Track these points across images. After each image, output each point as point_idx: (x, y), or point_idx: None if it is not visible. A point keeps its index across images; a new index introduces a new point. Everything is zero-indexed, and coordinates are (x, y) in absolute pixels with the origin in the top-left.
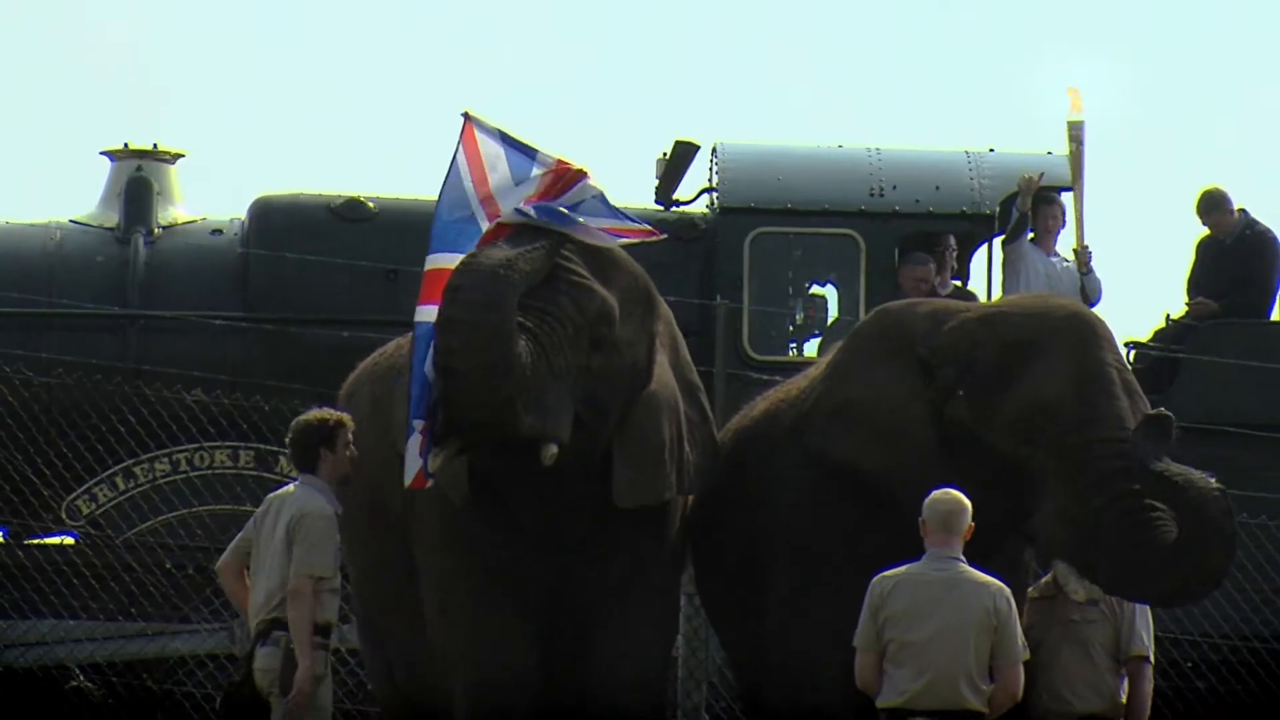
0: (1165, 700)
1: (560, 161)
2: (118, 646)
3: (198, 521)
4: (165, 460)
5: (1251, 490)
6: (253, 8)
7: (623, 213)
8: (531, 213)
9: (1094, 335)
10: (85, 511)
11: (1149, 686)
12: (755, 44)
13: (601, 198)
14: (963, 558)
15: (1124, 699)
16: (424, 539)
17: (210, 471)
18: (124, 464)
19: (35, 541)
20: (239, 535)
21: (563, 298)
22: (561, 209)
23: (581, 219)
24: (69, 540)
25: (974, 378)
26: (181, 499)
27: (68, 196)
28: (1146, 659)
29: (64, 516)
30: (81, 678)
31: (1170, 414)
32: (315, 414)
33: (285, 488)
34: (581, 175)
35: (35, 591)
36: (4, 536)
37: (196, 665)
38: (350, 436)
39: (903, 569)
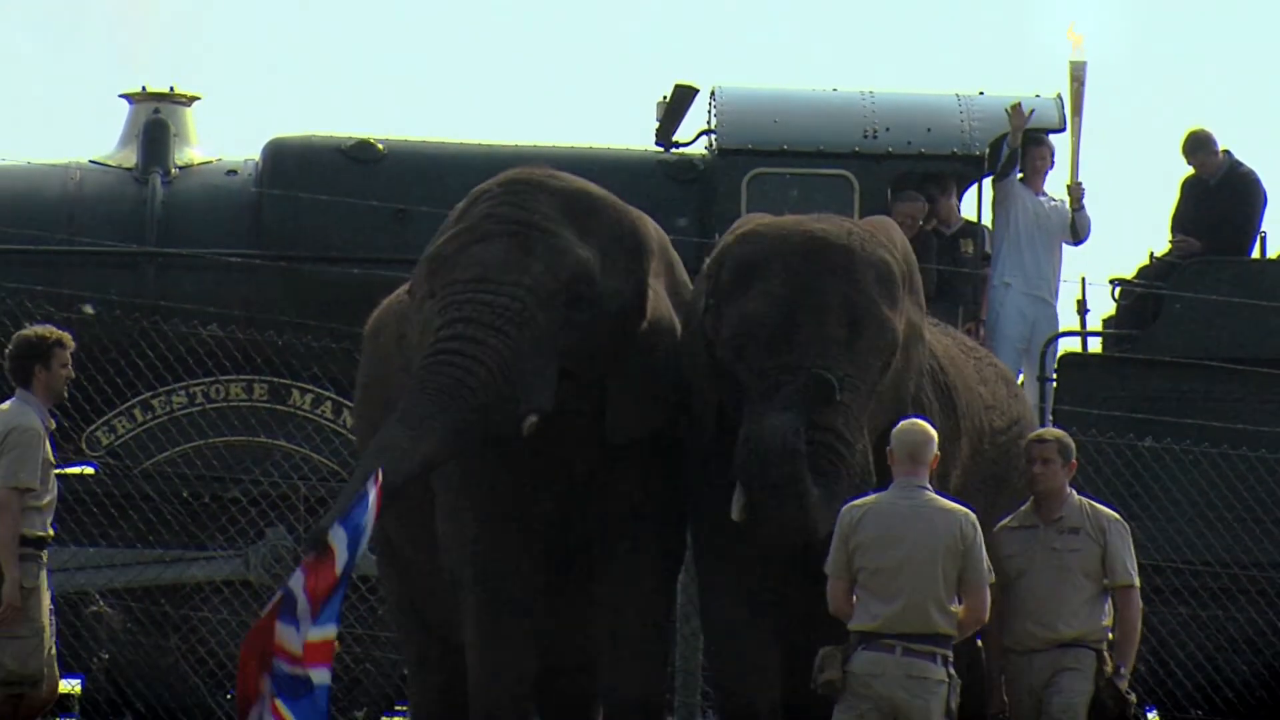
0: (1149, 627)
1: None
2: (136, 573)
3: (213, 452)
4: (182, 393)
5: (1229, 421)
6: None
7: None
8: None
9: (825, 259)
10: (105, 443)
11: (1138, 615)
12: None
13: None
14: (929, 485)
15: (1108, 623)
16: (440, 472)
17: (225, 404)
18: (142, 397)
19: (57, 471)
20: None
21: (536, 264)
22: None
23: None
24: (89, 470)
25: (717, 290)
26: (198, 430)
27: (87, 138)
28: (1132, 586)
29: (84, 447)
30: (101, 603)
31: (831, 380)
32: (34, 330)
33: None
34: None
35: (57, 519)
36: None
37: (212, 591)
38: (68, 357)
39: (871, 498)
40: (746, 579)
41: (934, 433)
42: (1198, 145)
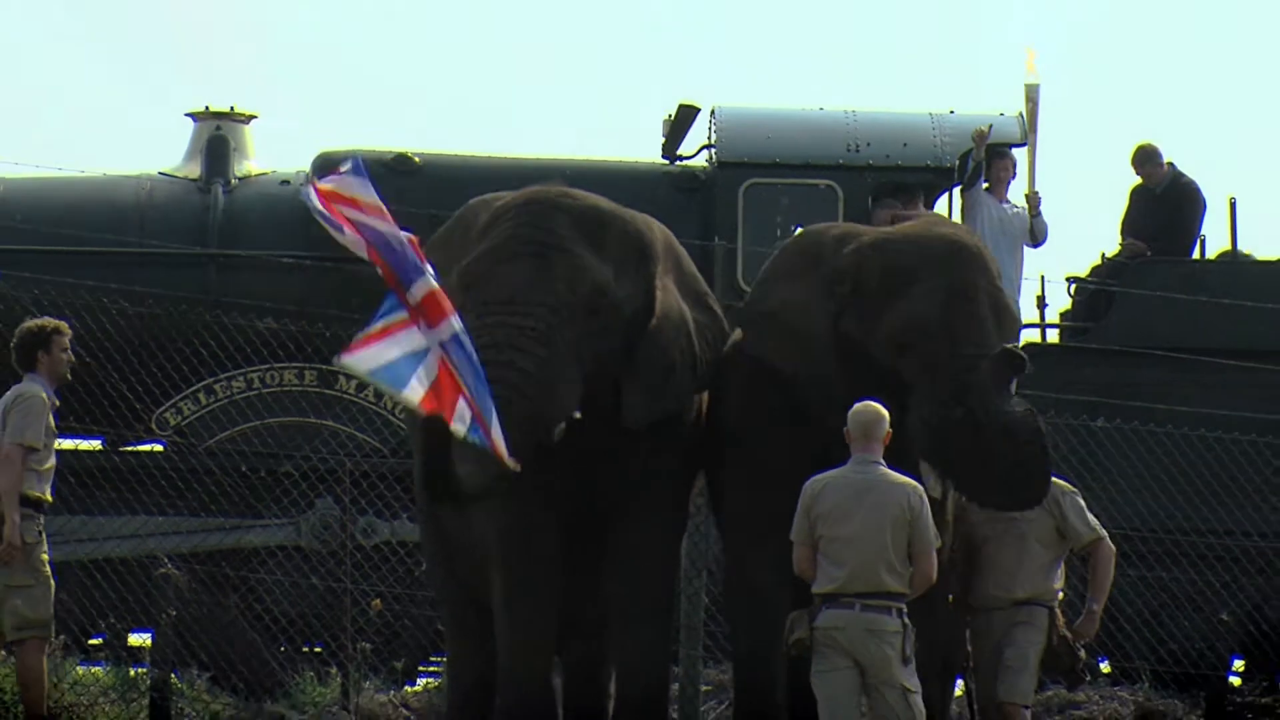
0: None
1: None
2: (199, 539)
3: (269, 431)
4: (241, 379)
5: (1172, 404)
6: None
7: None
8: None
9: (966, 260)
10: (172, 423)
11: (1108, 560)
12: (750, 19)
13: None
14: (882, 461)
15: (1059, 585)
16: None
17: (279, 388)
18: (205, 382)
19: (129, 449)
20: None
21: (558, 284)
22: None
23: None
24: (158, 448)
25: (862, 296)
26: (255, 412)
27: (156, 152)
28: (1099, 539)
29: (154, 427)
30: (169, 565)
31: (1022, 355)
32: (36, 321)
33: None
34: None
35: (129, 491)
36: (102, 444)
37: (267, 554)
38: (66, 343)
39: (830, 473)
40: (773, 549)
41: (885, 413)
42: (1145, 157)
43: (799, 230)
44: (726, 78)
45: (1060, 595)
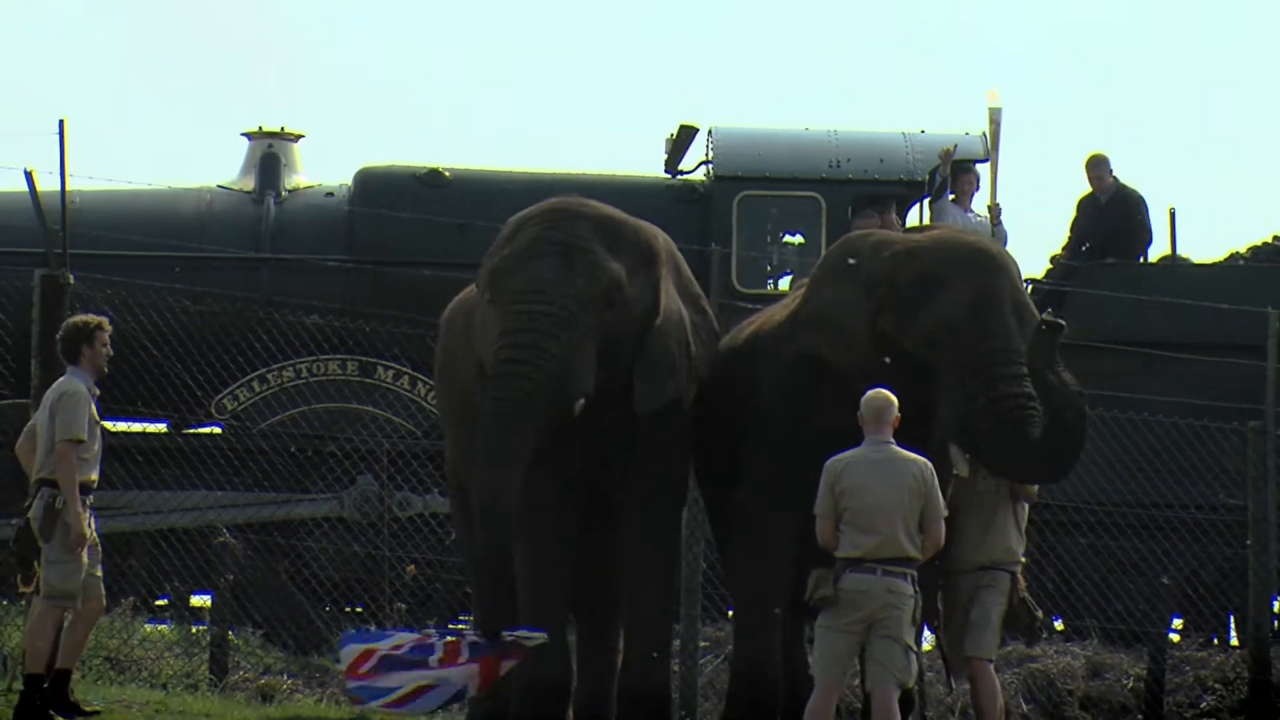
0: (1056, 553)
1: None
2: (253, 511)
3: (315, 415)
4: (290, 369)
5: (1118, 392)
6: (354, 28)
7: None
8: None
9: (989, 266)
10: (230, 408)
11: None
12: (743, 49)
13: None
14: (892, 440)
15: (1020, 551)
16: None
17: (324, 377)
18: (258, 372)
19: (191, 431)
20: (30, 421)
21: (579, 278)
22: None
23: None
24: (216, 430)
25: (897, 298)
26: (303, 398)
27: (215, 167)
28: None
29: (213, 411)
30: (226, 535)
31: (1060, 321)
32: (79, 319)
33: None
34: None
35: (191, 469)
36: (167, 427)
37: (314, 525)
38: (106, 338)
39: (850, 453)
40: (793, 519)
41: (894, 399)
42: (1097, 163)
43: (844, 237)
44: (722, 100)
45: (1022, 561)
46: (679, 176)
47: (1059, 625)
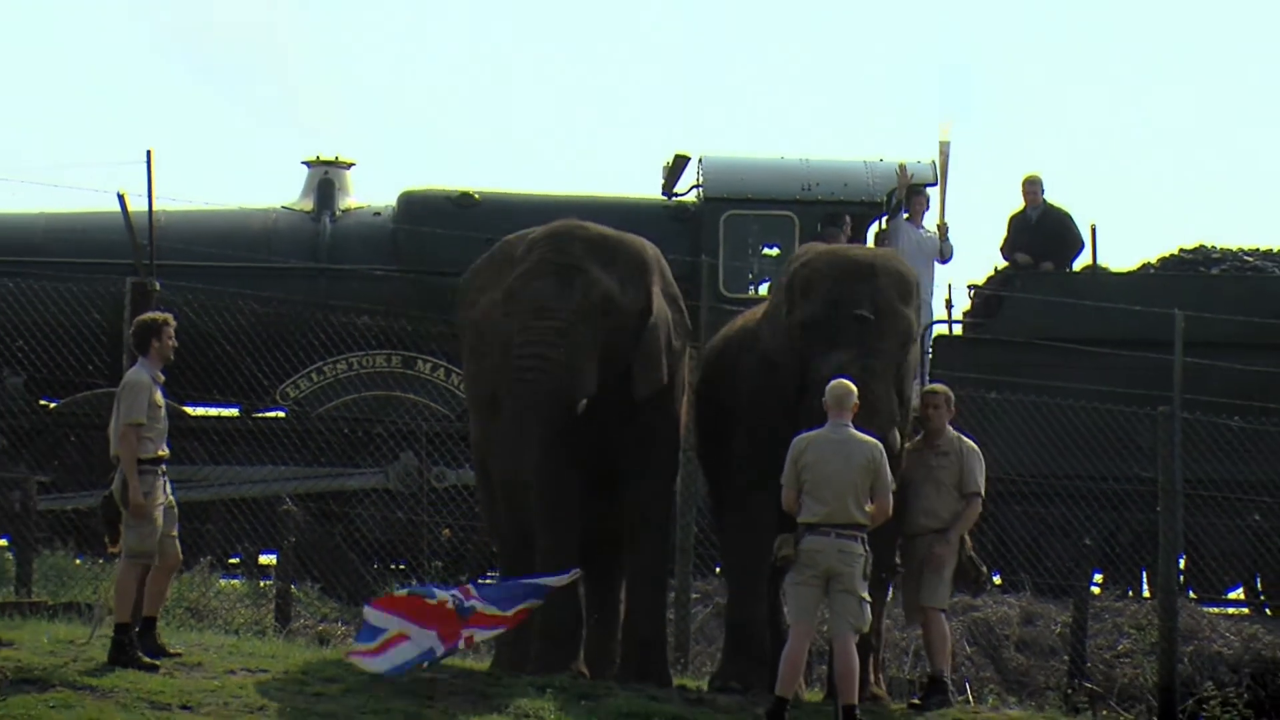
0: (995, 520)
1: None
2: (312, 483)
3: (364, 402)
4: (343, 362)
5: (1047, 380)
6: (397, 72)
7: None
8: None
9: (854, 276)
10: (292, 395)
11: (975, 513)
12: (729, 89)
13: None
14: (850, 424)
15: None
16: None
17: (372, 370)
18: (316, 365)
19: (259, 415)
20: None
21: (577, 294)
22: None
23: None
24: (281, 414)
25: (790, 301)
26: (354, 387)
27: (280, 191)
28: (977, 494)
29: (278, 398)
30: (289, 503)
31: (868, 315)
32: (148, 315)
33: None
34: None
35: (259, 447)
36: (239, 411)
37: (363, 495)
38: (172, 332)
39: (813, 433)
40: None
41: (854, 388)
42: (1033, 182)
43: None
44: (711, 132)
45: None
46: (674, 198)
47: (997, 580)
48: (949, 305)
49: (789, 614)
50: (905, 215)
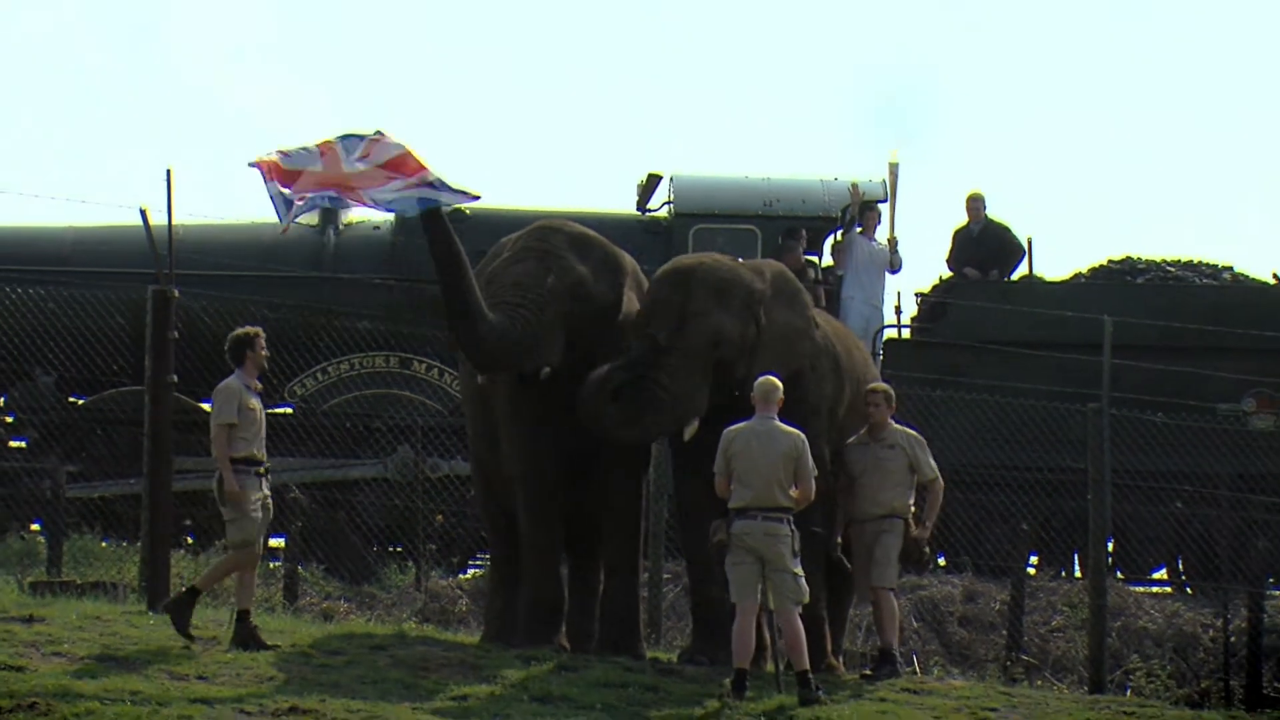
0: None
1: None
2: (317, 473)
3: (365, 399)
4: (346, 362)
5: (987, 380)
6: (393, 98)
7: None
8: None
9: (676, 282)
10: (299, 392)
11: (939, 495)
12: (698, 113)
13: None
14: (776, 417)
15: (911, 503)
16: (502, 408)
17: (372, 369)
18: (321, 365)
19: (269, 410)
20: None
21: (551, 276)
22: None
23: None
24: (289, 409)
25: None
26: (355, 385)
27: None
28: (935, 479)
29: (286, 395)
30: (296, 491)
31: (656, 335)
32: (242, 330)
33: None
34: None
35: (269, 440)
36: None
37: (364, 484)
38: (263, 343)
39: (742, 425)
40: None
41: (779, 384)
42: (977, 199)
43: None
44: (682, 153)
45: (912, 510)
46: (647, 214)
47: (942, 561)
48: (898, 311)
49: (732, 594)
50: (859, 229)
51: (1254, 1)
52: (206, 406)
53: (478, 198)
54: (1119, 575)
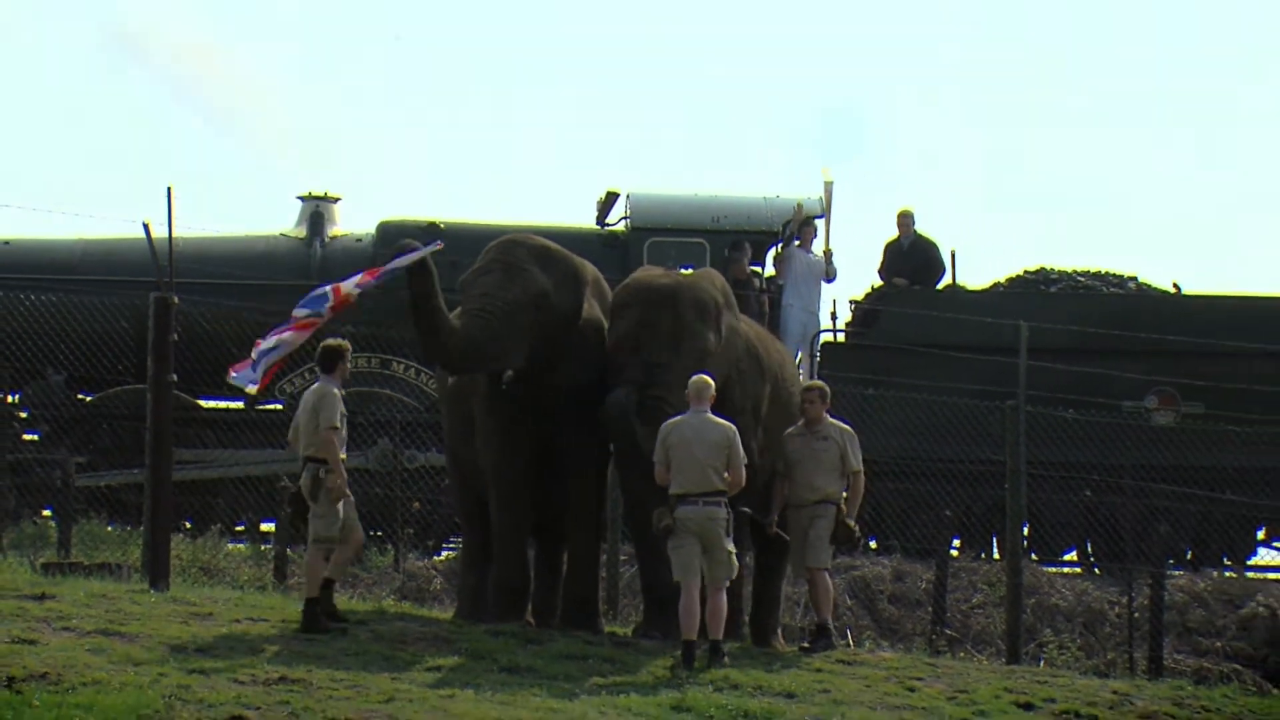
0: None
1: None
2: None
3: (348, 395)
4: None
5: (915, 380)
6: (376, 122)
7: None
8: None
9: (655, 300)
10: (288, 390)
11: (861, 486)
12: (652, 135)
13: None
14: (708, 411)
15: (843, 489)
16: (478, 405)
17: (355, 369)
18: (308, 365)
19: (261, 406)
20: (295, 417)
21: (515, 287)
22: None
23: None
24: (279, 406)
25: (610, 319)
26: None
27: (278, 220)
28: (859, 471)
29: (276, 393)
30: (286, 480)
31: (650, 363)
32: (333, 342)
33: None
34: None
35: (261, 433)
36: (243, 404)
37: (348, 474)
38: (349, 355)
39: (678, 418)
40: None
41: (711, 382)
42: (907, 215)
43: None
44: (638, 172)
45: (844, 495)
46: (606, 227)
47: (873, 544)
48: (834, 317)
49: (675, 572)
50: (797, 243)
51: (1152, 24)
52: (204, 403)
53: (440, 248)
54: (1033, 557)
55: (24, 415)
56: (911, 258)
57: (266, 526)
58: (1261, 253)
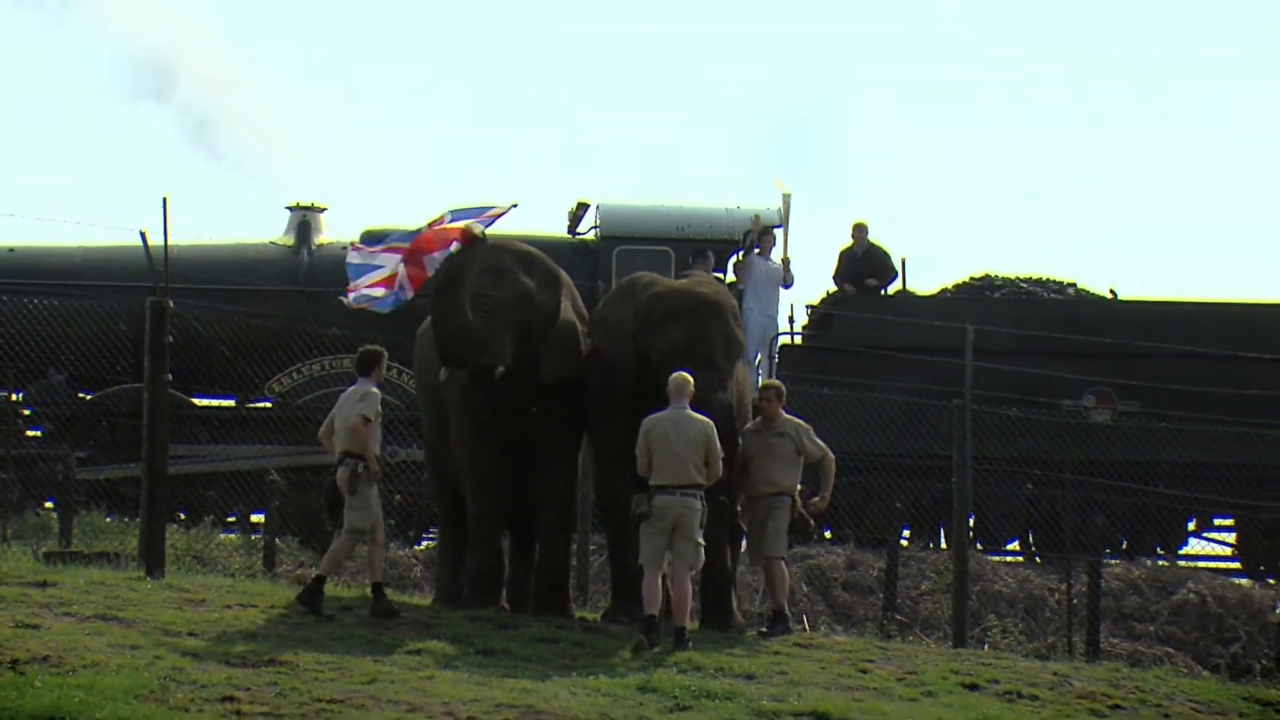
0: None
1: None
2: (293, 459)
3: (333, 395)
4: (318, 363)
5: (869, 379)
6: (361, 136)
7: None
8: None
9: (706, 310)
10: (277, 389)
11: (832, 468)
12: (618, 148)
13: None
14: (688, 407)
15: (798, 481)
16: (452, 401)
17: (341, 369)
18: (296, 365)
19: (252, 405)
20: (329, 416)
21: (505, 287)
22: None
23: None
24: (269, 404)
25: (647, 325)
26: (325, 384)
27: (268, 229)
28: (825, 455)
29: (266, 392)
30: (275, 474)
31: (722, 362)
32: (371, 348)
33: (354, 385)
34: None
35: (252, 430)
36: (235, 402)
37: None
38: (386, 359)
39: (659, 414)
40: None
41: (691, 379)
42: (861, 226)
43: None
44: (607, 184)
45: (800, 488)
46: (576, 236)
47: (828, 534)
48: (791, 321)
49: (641, 557)
50: (757, 251)
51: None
52: (197, 401)
53: (517, 205)
54: (978, 546)
55: (27, 413)
56: (864, 264)
57: (256, 518)
58: (1193, 259)
